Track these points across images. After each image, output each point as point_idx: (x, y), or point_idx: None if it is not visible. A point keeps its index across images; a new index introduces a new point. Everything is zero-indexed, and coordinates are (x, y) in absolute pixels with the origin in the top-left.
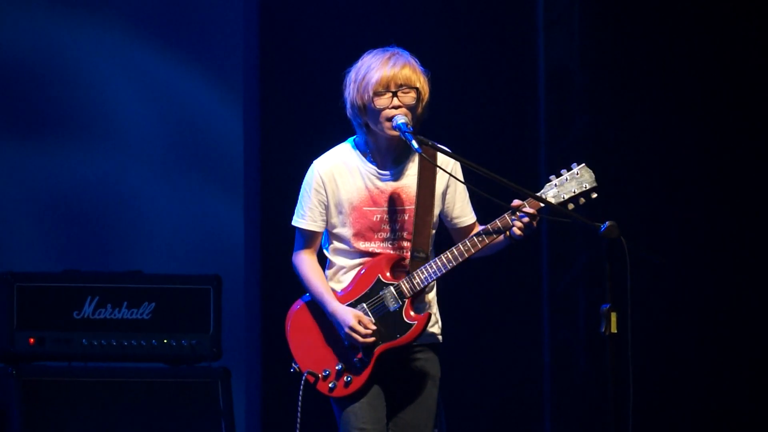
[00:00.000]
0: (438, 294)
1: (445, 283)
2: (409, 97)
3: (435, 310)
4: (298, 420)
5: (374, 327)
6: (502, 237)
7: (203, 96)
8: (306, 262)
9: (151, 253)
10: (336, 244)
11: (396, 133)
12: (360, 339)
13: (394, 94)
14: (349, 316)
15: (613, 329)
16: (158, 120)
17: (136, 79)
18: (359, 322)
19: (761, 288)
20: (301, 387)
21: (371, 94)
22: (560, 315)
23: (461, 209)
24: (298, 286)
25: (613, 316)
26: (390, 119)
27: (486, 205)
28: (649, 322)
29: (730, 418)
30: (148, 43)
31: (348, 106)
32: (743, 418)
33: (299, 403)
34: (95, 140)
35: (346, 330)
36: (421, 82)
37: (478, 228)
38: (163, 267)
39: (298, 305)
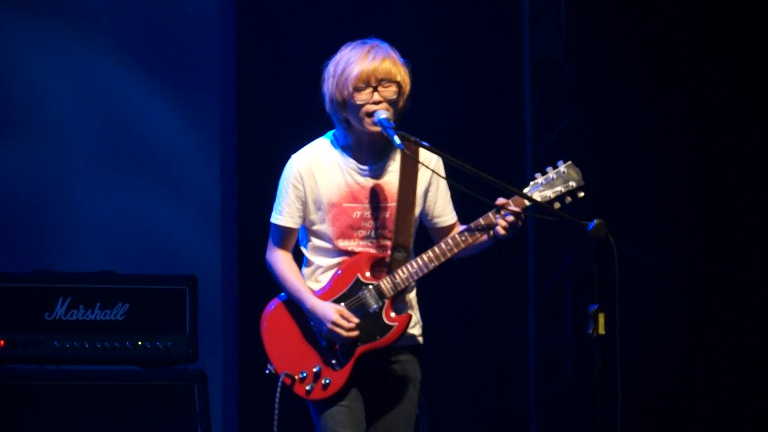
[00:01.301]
0: (420, 295)
1: (428, 284)
2: (390, 91)
3: (415, 310)
4: (275, 424)
5: (357, 320)
6: (485, 236)
7: (179, 94)
8: (281, 259)
9: (125, 253)
10: (315, 241)
11: (377, 128)
12: (344, 334)
13: (375, 89)
14: (330, 310)
15: (601, 330)
16: (132, 120)
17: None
18: (341, 317)
19: (753, 287)
20: (278, 390)
21: (351, 89)
22: (546, 316)
23: (442, 208)
24: (276, 287)
25: (601, 317)
26: (371, 114)
27: (470, 203)
28: (638, 324)
29: (722, 421)
30: (119, 49)
31: (327, 100)
32: (735, 421)
33: (276, 407)
34: (60, 142)
35: (329, 326)
36: (401, 75)
37: (460, 227)
38: (138, 267)
39: (274, 304)
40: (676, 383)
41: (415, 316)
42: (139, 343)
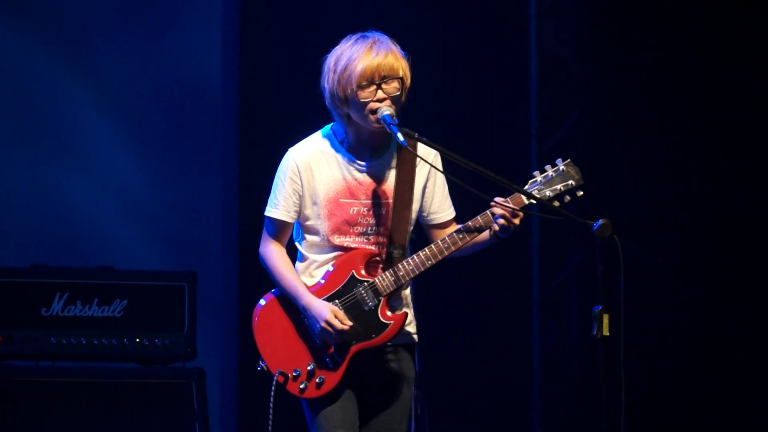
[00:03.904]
0: (424, 294)
1: (433, 283)
2: (393, 87)
3: (410, 308)
4: (270, 423)
5: (350, 323)
6: (485, 235)
7: (182, 85)
8: (275, 253)
9: (123, 249)
10: (309, 238)
11: (381, 125)
12: (335, 337)
13: (378, 86)
14: (326, 310)
15: (606, 332)
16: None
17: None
18: (336, 317)
19: (760, 289)
20: (272, 388)
21: (354, 86)
22: (551, 317)
23: (439, 204)
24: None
25: (606, 318)
26: (374, 112)
27: (471, 201)
28: (643, 325)
29: (727, 423)
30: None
31: (327, 95)
32: (741, 423)
33: (270, 405)
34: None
35: (322, 324)
36: (404, 69)
37: (457, 226)
38: (136, 263)
39: (267, 299)
40: (681, 385)
41: (410, 313)
42: (137, 339)
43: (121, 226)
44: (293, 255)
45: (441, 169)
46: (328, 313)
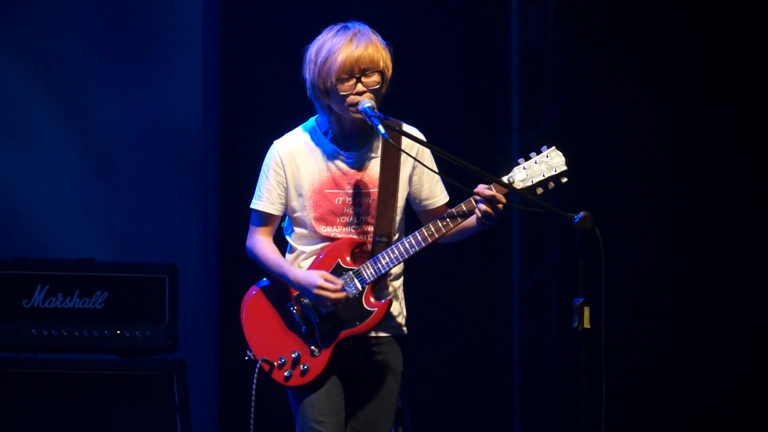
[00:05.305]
0: (405, 286)
1: (413, 276)
2: (373, 80)
3: (401, 300)
4: (252, 411)
5: (341, 282)
6: (472, 221)
7: (163, 80)
8: (261, 242)
9: (105, 241)
10: (297, 229)
11: (362, 116)
12: (332, 296)
13: (358, 80)
14: (314, 275)
15: (586, 324)
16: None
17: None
18: (326, 280)
19: (741, 281)
20: (255, 375)
21: (334, 79)
22: (531, 309)
23: (430, 190)
24: (257, 275)
25: (586, 311)
26: (355, 104)
27: (455, 192)
28: (623, 317)
29: (707, 415)
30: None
31: (309, 87)
32: (718, 416)
33: (253, 393)
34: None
35: (315, 291)
36: (384, 61)
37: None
38: (117, 255)
39: (254, 290)
40: (661, 377)
41: (400, 305)
42: (118, 332)
43: (102, 219)
44: (283, 248)
45: (427, 160)
46: (318, 278)
